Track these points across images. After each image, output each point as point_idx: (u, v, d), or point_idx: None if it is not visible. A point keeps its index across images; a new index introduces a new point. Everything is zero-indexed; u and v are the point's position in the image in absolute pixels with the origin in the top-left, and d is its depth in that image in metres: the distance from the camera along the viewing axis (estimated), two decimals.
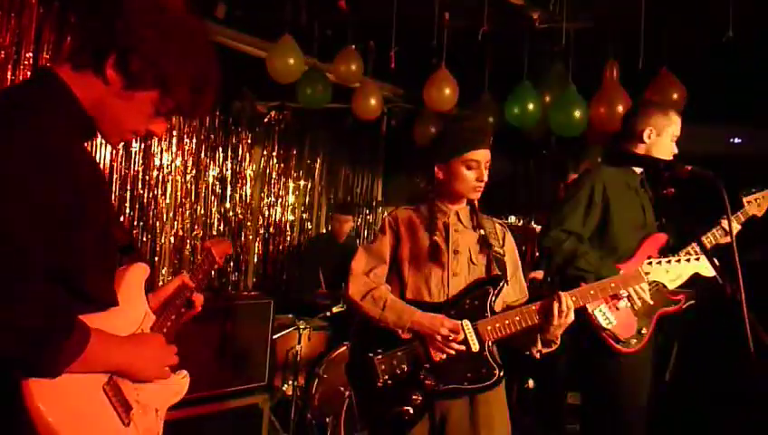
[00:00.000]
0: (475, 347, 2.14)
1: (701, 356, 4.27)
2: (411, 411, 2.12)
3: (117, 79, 1.26)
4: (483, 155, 2.24)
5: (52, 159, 1.17)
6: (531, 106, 4.57)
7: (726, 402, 3.85)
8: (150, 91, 1.29)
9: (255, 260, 6.04)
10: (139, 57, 1.25)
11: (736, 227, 2.76)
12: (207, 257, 1.79)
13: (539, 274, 4.31)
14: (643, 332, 2.64)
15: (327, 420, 3.97)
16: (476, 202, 2.33)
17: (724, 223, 2.74)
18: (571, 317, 2.13)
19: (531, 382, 4.82)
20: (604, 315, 2.58)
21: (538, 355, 2.23)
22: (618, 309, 2.61)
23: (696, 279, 2.39)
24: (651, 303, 2.62)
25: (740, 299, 1.51)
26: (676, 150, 2.79)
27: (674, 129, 2.77)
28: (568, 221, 2.70)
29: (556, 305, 2.10)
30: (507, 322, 2.15)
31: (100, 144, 4.46)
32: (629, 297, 2.62)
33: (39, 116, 1.21)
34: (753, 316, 1.50)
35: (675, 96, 4.14)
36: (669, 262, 2.34)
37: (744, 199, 2.82)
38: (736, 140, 4.74)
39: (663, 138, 2.75)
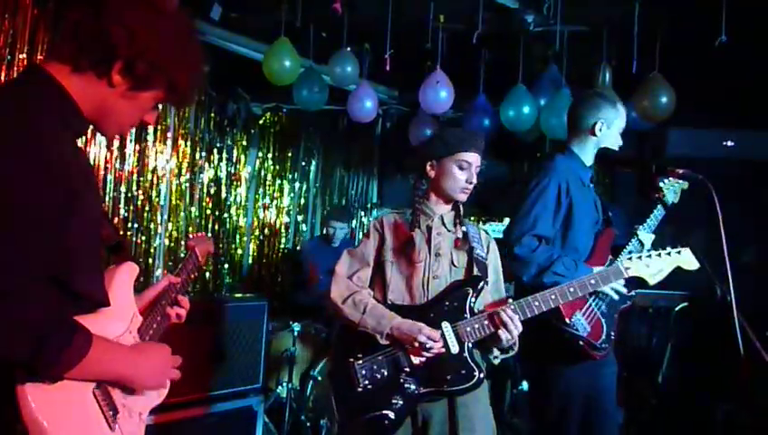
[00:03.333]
0: (455, 349, 2.15)
1: (694, 358, 4.29)
2: (392, 416, 2.13)
3: (123, 82, 1.28)
4: (474, 158, 2.29)
5: (44, 158, 1.17)
6: (526, 109, 4.58)
7: (718, 403, 3.87)
8: (156, 90, 1.32)
9: (250, 262, 6.03)
10: (145, 62, 1.26)
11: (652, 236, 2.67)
12: (191, 257, 1.79)
13: None
14: (611, 334, 2.56)
15: (322, 422, 3.97)
16: (461, 206, 2.35)
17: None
18: (519, 328, 2.13)
19: (525, 385, 4.83)
20: (581, 323, 2.48)
21: (496, 362, 2.26)
22: (588, 315, 2.53)
23: (678, 274, 2.37)
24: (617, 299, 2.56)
25: (730, 301, 1.52)
26: (620, 142, 2.74)
27: (621, 121, 2.72)
28: (539, 225, 2.54)
29: (496, 319, 2.13)
30: (486, 322, 2.17)
31: (95, 145, 4.45)
32: (599, 298, 2.54)
33: (31, 114, 1.20)
34: (742, 317, 1.51)
35: (664, 99, 4.16)
36: (650, 256, 2.29)
37: (664, 188, 2.71)
38: (729, 143, 4.76)
39: (612, 130, 2.70)
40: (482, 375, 2.16)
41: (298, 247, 6.18)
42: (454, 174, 2.27)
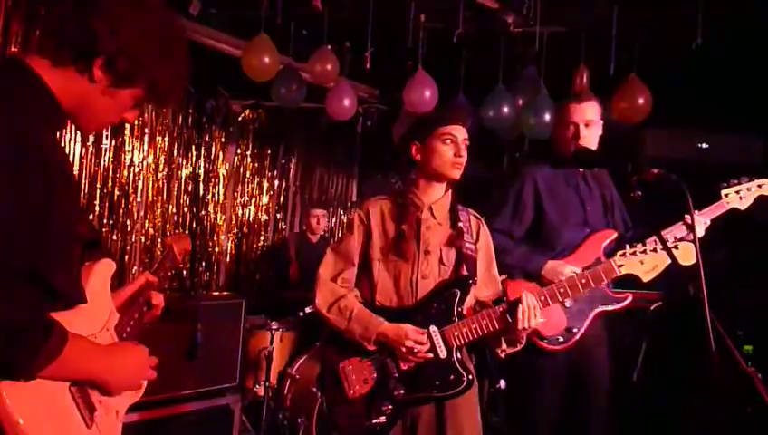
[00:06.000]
0: (443, 354, 2.13)
1: (668, 357, 4.34)
2: (383, 421, 2.11)
3: (104, 78, 1.27)
4: (459, 130, 2.21)
5: (21, 153, 1.15)
6: (505, 109, 4.61)
7: (691, 401, 3.93)
8: (137, 88, 1.31)
9: (228, 260, 5.99)
10: (127, 59, 1.25)
11: (707, 223, 2.61)
12: (168, 254, 1.78)
13: None
14: (573, 330, 2.57)
15: (299, 420, 3.96)
16: (452, 189, 2.29)
17: (688, 219, 2.63)
18: (538, 318, 2.12)
19: (502, 383, 4.85)
20: None
21: (503, 355, 2.23)
22: (547, 306, 2.47)
23: (660, 280, 2.40)
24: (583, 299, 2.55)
25: (702, 298, 1.55)
26: (583, 134, 2.70)
27: (568, 115, 2.72)
28: (497, 220, 2.70)
29: (520, 306, 2.11)
30: (474, 326, 2.14)
31: (70, 139, 4.39)
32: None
33: (9, 108, 1.19)
34: (713, 315, 1.53)
35: (641, 101, 4.22)
36: (645, 252, 2.28)
37: (722, 192, 2.64)
38: (704, 145, 4.84)
39: (563, 127, 2.74)
40: (471, 378, 2.14)
41: (277, 245, 6.16)
42: (440, 151, 2.19)
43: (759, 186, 2.62)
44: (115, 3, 1.25)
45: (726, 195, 2.61)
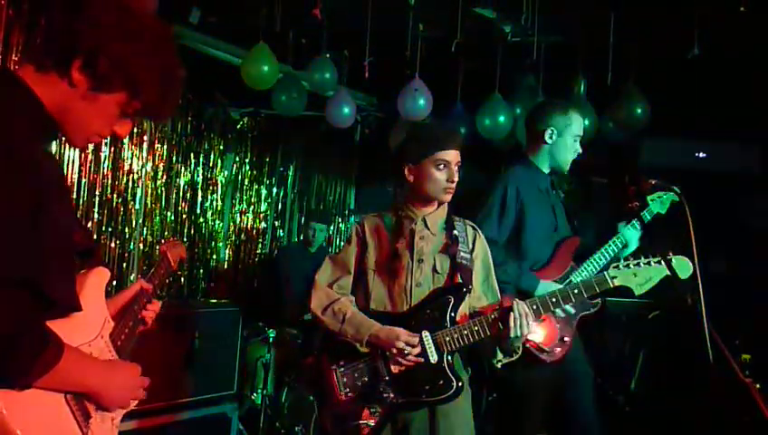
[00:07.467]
0: (434, 358, 2.14)
1: (666, 365, 4.35)
2: (372, 424, 2.13)
3: (83, 81, 1.24)
4: (453, 155, 2.23)
5: (15, 163, 1.15)
6: (502, 118, 4.63)
7: (689, 409, 3.93)
8: (118, 93, 1.27)
9: (226, 268, 5.99)
10: (107, 59, 1.23)
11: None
12: (163, 262, 1.78)
13: None
14: (565, 339, 2.61)
15: (296, 428, 3.95)
16: (447, 206, 2.31)
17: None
18: (529, 327, 2.13)
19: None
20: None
21: (499, 365, 2.24)
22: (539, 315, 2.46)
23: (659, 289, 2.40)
24: (573, 311, 2.60)
25: (700, 310, 1.55)
26: (579, 149, 2.77)
27: (575, 127, 2.74)
28: (484, 227, 2.58)
29: (510, 314, 2.12)
30: (465, 332, 2.15)
31: (69, 147, 4.39)
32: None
33: (1, 119, 1.19)
34: (711, 326, 1.54)
35: (639, 110, 4.24)
36: (638, 264, 2.28)
37: (648, 198, 2.70)
38: (701, 155, 4.86)
39: (564, 137, 2.74)
40: (460, 385, 2.15)
41: (275, 253, 6.15)
42: (433, 175, 2.21)
43: (675, 193, 2.67)
44: (101, 8, 1.24)
45: (652, 200, 2.71)
